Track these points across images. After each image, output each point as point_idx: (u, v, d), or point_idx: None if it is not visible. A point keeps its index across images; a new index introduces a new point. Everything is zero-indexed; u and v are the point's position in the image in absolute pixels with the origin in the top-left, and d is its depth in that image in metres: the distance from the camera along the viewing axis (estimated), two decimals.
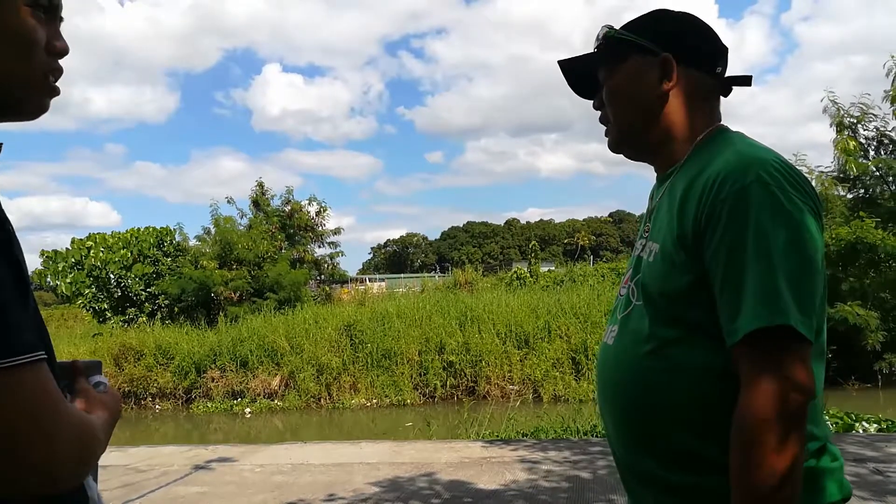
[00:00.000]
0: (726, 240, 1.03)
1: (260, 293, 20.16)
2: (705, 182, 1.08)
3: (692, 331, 1.10)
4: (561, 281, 24.39)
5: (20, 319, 0.69)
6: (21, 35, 0.75)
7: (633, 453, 1.19)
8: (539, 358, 14.24)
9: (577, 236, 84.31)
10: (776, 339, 0.98)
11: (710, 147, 1.18)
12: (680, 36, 1.24)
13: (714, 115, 1.25)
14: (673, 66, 1.20)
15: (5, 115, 0.79)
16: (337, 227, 24.55)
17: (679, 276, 1.10)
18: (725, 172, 1.06)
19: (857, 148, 13.60)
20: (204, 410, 14.42)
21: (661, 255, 1.15)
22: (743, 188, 1.03)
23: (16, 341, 0.67)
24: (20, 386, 0.66)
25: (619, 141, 1.31)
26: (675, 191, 1.18)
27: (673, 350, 1.11)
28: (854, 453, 5.24)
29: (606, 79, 1.29)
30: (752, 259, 1.00)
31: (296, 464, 5.75)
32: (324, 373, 14.53)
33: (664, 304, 1.13)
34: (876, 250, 12.65)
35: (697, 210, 1.08)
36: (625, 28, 1.26)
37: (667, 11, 1.27)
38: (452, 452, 5.96)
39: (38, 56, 0.77)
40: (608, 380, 1.25)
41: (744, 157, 1.08)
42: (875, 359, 12.68)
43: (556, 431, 7.81)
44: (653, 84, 1.22)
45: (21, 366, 0.66)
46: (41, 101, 0.80)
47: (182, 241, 22.42)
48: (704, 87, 1.24)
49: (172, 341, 16.15)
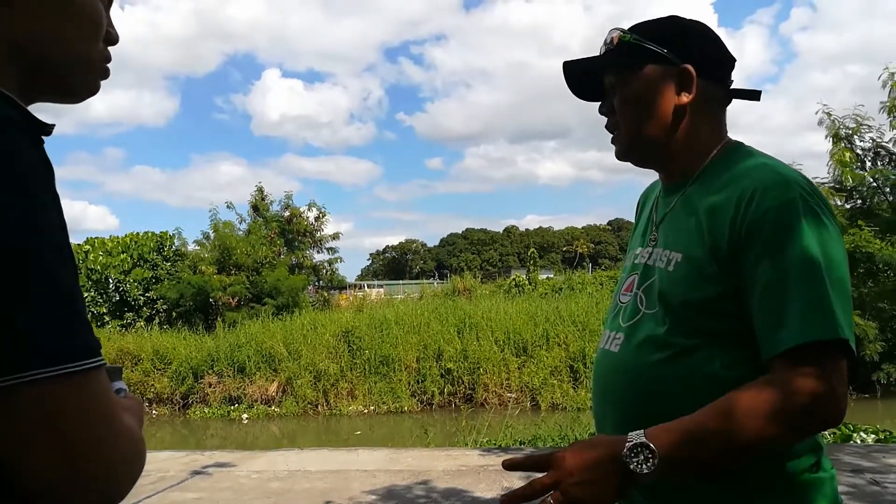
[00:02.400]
0: (771, 252, 1.04)
1: (258, 298, 20.14)
2: (741, 195, 1.09)
3: (711, 340, 1.10)
4: (559, 289, 24.41)
5: (86, 315, 0.64)
6: (94, 18, 0.76)
7: None
8: (537, 366, 14.24)
9: (575, 244, 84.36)
10: (824, 353, 0.99)
11: (730, 161, 1.19)
12: (697, 46, 1.22)
13: (723, 127, 1.25)
14: (693, 77, 1.19)
15: (60, 97, 0.78)
16: (335, 232, 24.64)
17: (708, 286, 1.10)
18: (765, 186, 1.07)
19: (854, 159, 13.62)
20: (201, 416, 14.39)
21: (686, 265, 1.14)
22: (787, 203, 1.05)
23: (86, 341, 0.62)
24: (86, 393, 0.61)
25: (629, 149, 1.28)
26: (696, 202, 1.18)
27: (689, 359, 1.11)
28: (851, 464, 5.23)
29: (619, 85, 1.25)
30: (799, 272, 1.01)
31: (293, 470, 5.73)
32: (321, 379, 14.51)
33: (685, 313, 1.12)
34: (874, 260, 12.66)
35: (735, 222, 1.08)
36: (639, 33, 1.22)
37: (681, 19, 1.26)
38: (450, 460, 5.94)
39: (101, 40, 0.78)
40: (614, 387, 1.22)
41: (779, 173, 1.10)
42: (873, 369, 12.69)
43: (553, 440, 7.80)
44: (670, 94, 1.20)
45: (88, 370, 0.61)
46: (94, 84, 0.80)
47: (181, 245, 22.42)
48: (717, 98, 1.24)
49: (170, 346, 16.14)
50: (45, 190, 0.63)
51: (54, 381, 0.59)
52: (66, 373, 0.59)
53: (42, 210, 0.61)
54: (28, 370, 0.58)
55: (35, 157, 0.63)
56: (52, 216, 0.62)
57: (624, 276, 1.32)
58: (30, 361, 0.58)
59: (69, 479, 0.60)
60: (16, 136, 0.62)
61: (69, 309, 0.61)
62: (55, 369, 0.59)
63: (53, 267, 0.60)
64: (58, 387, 0.59)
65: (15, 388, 0.57)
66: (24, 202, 0.59)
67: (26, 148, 0.62)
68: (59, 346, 0.59)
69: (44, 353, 0.58)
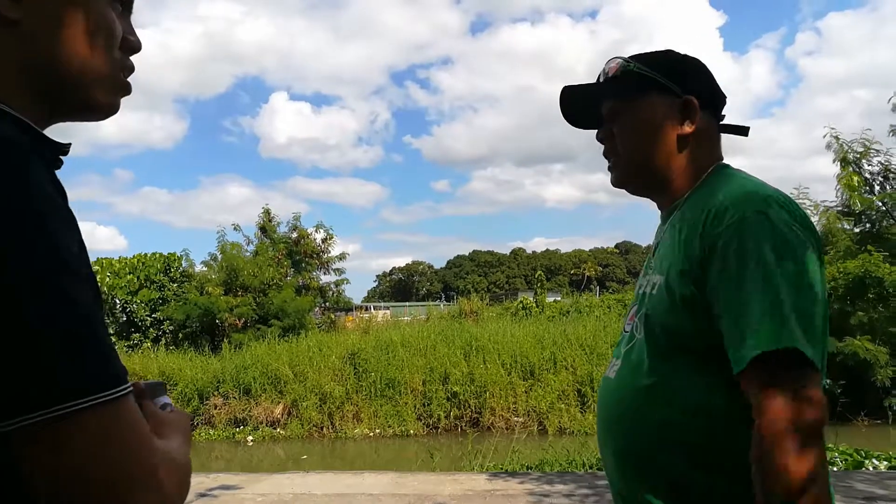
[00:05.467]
0: (728, 268, 1.04)
1: (264, 320, 20.14)
2: (706, 214, 1.10)
3: (692, 365, 1.11)
4: (567, 311, 24.29)
5: (109, 341, 0.60)
6: (103, 28, 0.72)
7: (632, 485, 1.19)
8: (544, 389, 14.12)
9: (583, 267, 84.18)
10: (784, 363, 0.97)
11: (712, 182, 1.21)
12: (697, 79, 1.27)
13: (716, 155, 1.28)
14: (697, 109, 1.22)
15: (80, 113, 0.76)
16: (342, 253, 24.65)
17: (683, 308, 1.11)
18: (727, 204, 1.09)
19: (862, 183, 13.61)
20: (206, 438, 14.31)
21: (664, 288, 1.16)
22: (743, 218, 1.05)
23: (111, 370, 0.58)
24: (119, 423, 0.57)
25: (627, 176, 1.31)
26: (677, 225, 1.20)
27: (673, 383, 1.12)
28: (864, 491, 5.15)
29: (620, 113, 1.27)
30: (755, 287, 1.01)
31: (298, 493, 5.68)
32: (327, 401, 14.43)
33: (665, 337, 1.14)
34: (884, 285, 12.58)
35: (701, 241, 1.09)
36: (640, 63, 1.26)
37: (678, 53, 1.30)
38: (456, 484, 5.88)
39: (116, 51, 0.75)
40: (609, 412, 1.25)
41: (745, 189, 1.11)
42: (884, 395, 12.52)
43: (561, 464, 7.71)
44: (673, 124, 1.23)
45: (117, 399, 0.58)
46: (115, 99, 0.76)
47: (188, 266, 22.50)
48: (712, 129, 1.27)
49: (176, 367, 16.11)
50: (59, 213, 0.60)
51: (88, 413, 0.55)
52: (98, 403, 0.56)
53: (56, 238, 0.58)
54: (48, 407, 0.54)
55: (47, 181, 0.61)
56: (68, 242, 0.60)
57: (631, 304, 1.35)
58: (50, 397, 0.54)
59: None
60: (27, 161, 0.60)
61: (93, 336, 0.58)
62: (84, 401, 0.55)
63: (72, 295, 0.57)
64: (91, 420, 0.56)
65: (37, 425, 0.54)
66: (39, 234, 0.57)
67: (36, 172, 0.60)
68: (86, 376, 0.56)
69: (69, 386, 0.55)
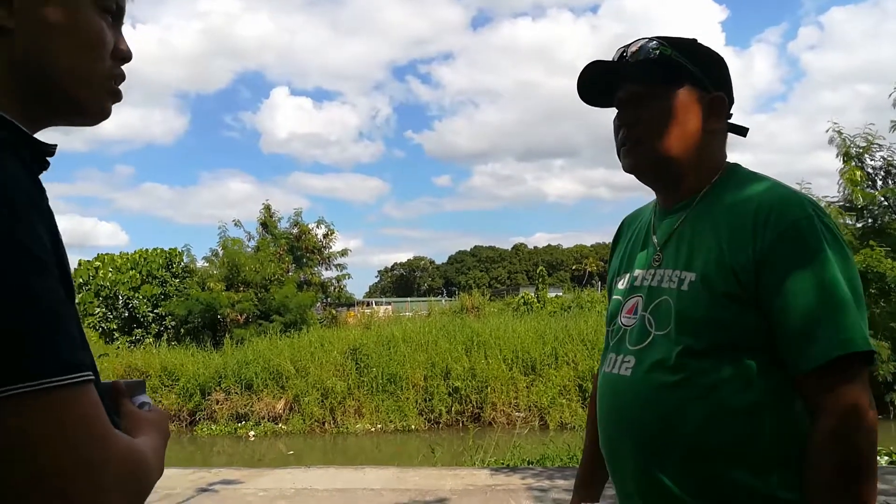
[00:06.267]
0: (796, 266, 1.06)
1: (266, 315, 20.17)
2: (757, 211, 1.11)
3: (724, 360, 1.10)
4: (568, 307, 24.29)
5: (72, 332, 0.62)
6: (93, 36, 0.75)
7: (655, 483, 1.15)
8: (546, 385, 14.14)
9: (585, 262, 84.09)
10: (851, 365, 1.02)
11: (733, 182, 1.21)
12: (724, 76, 1.26)
13: (724, 152, 1.29)
14: (726, 106, 1.23)
15: (70, 117, 0.78)
16: (344, 248, 24.67)
17: (726, 303, 1.11)
18: (782, 203, 1.11)
19: (864, 178, 13.56)
20: (208, 433, 14.36)
21: (702, 284, 1.14)
22: (803, 220, 1.08)
23: (66, 357, 0.60)
24: (67, 411, 0.59)
25: (647, 164, 1.25)
26: (705, 222, 1.19)
27: (703, 380, 1.10)
28: None
29: (648, 98, 1.21)
30: (825, 286, 1.04)
31: (299, 488, 5.70)
32: (329, 397, 14.46)
33: (702, 333, 1.12)
34: (886, 280, 12.56)
35: (755, 239, 1.10)
36: (675, 50, 1.20)
37: (706, 46, 1.25)
38: (457, 479, 5.89)
39: (107, 58, 0.78)
40: (628, 411, 1.19)
41: (790, 190, 1.15)
42: (886, 390, 12.53)
43: (562, 459, 7.72)
44: (700, 118, 1.21)
45: (67, 387, 0.59)
46: (105, 105, 0.79)
47: (190, 262, 22.53)
48: (725, 127, 1.28)
49: (178, 363, 16.14)
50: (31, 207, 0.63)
51: (33, 398, 0.57)
52: (44, 388, 0.57)
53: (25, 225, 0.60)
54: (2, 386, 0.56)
55: (21, 174, 0.64)
56: (37, 232, 0.62)
57: (621, 298, 1.30)
58: (5, 377, 0.56)
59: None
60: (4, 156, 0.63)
61: (50, 324, 0.60)
62: (31, 385, 0.57)
63: (32, 282, 0.59)
64: (36, 404, 0.57)
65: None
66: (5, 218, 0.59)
67: (11, 165, 0.63)
68: (36, 361, 0.58)
69: (20, 369, 0.57)
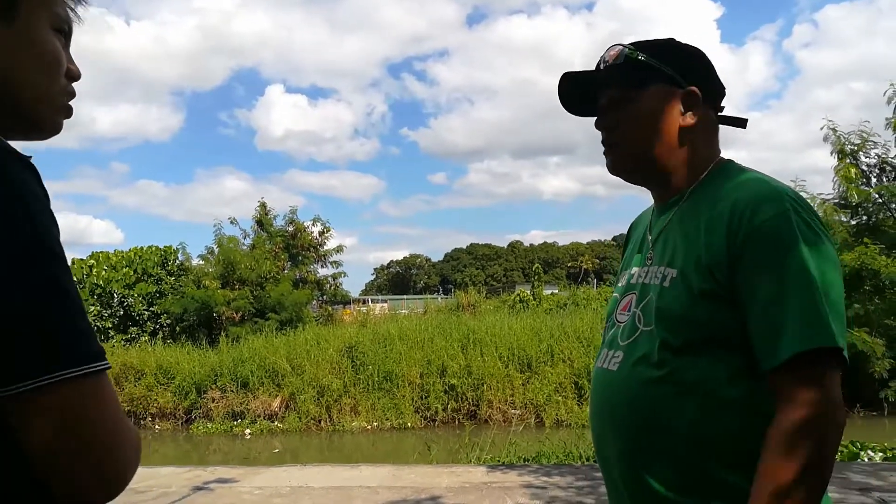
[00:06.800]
0: (767, 263, 1.06)
1: (262, 313, 20.14)
2: (733, 208, 1.11)
3: (705, 355, 1.11)
4: (564, 304, 24.33)
5: (89, 325, 0.70)
6: (51, 55, 0.79)
7: (641, 479, 1.17)
8: (541, 382, 14.16)
9: (580, 259, 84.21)
10: (820, 361, 1.01)
11: (723, 178, 1.21)
12: (700, 70, 1.26)
13: (715, 147, 1.28)
14: (700, 99, 1.23)
15: (27, 132, 0.82)
16: (339, 245, 24.61)
17: (703, 300, 1.11)
18: (758, 199, 1.09)
19: (859, 175, 13.61)
20: (204, 431, 14.33)
21: (681, 281, 1.15)
22: (781, 214, 1.07)
23: (96, 346, 0.68)
24: (104, 392, 0.68)
25: (628, 165, 1.30)
26: (689, 219, 1.20)
27: (686, 375, 1.12)
28: (859, 482, 5.17)
29: (623, 101, 1.25)
30: (796, 284, 1.03)
31: (295, 486, 5.69)
32: (324, 395, 14.45)
33: (680, 329, 1.13)
34: (880, 277, 12.61)
35: (729, 236, 1.10)
36: (644, 52, 1.24)
37: (680, 42, 1.28)
38: (453, 477, 5.90)
39: (63, 77, 0.81)
40: (614, 408, 1.23)
41: (770, 186, 1.13)
42: (881, 386, 12.57)
43: (558, 457, 7.74)
44: (676, 114, 1.23)
45: (101, 372, 0.68)
46: (59, 120, 0.83)
47: (185, 260, 22.46)
48: (712, 121, 1.27)
49: (173, 361, 16.10)
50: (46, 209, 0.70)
51: (81, 381, 0.65)
52: (88, 373, 0.66)
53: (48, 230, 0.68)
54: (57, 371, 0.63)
55: (31, 179, 0.69)
56: (54, 232, 0.69)
57: (618, 296, 1.34)
58: (57, 362, 0.64)
59: (92, 479, 0.67)
60: (16, 164, 0.68)
61: (83, 316, 0.68)
62: (80, 369, 0.65)
63: (62, 278, 0.68)
64: (82, 387, 0.65)
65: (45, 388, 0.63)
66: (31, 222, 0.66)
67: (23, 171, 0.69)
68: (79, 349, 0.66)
69: (71, 355, 0.65)
